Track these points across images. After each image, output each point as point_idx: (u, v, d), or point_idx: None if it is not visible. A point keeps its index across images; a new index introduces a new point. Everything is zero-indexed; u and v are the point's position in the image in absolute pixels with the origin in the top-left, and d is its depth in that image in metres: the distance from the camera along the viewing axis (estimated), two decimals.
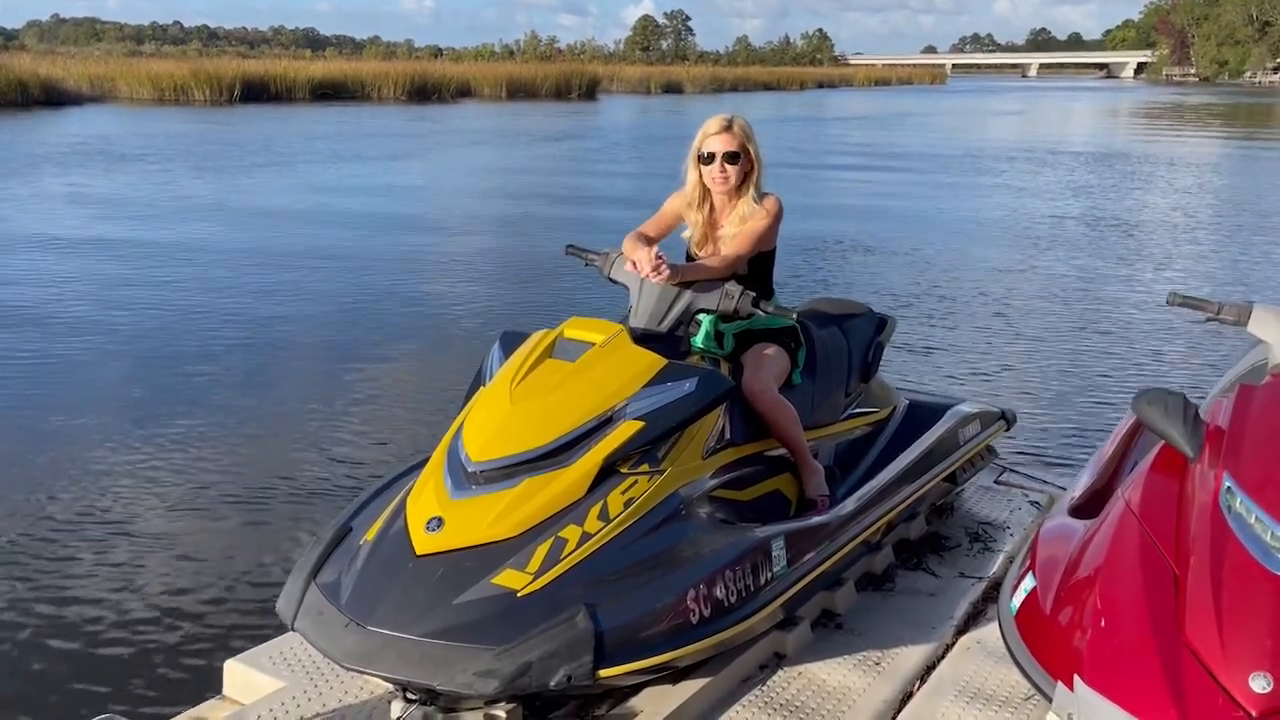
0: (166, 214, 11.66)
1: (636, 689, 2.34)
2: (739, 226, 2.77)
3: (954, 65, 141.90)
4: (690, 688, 2.36)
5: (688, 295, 2.63)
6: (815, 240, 10.42)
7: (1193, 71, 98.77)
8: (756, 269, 2.82)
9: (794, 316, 2.75)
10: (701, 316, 2.78)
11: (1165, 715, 1.81)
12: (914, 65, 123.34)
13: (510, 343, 2.55)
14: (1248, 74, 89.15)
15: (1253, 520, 1.99)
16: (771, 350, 2.76)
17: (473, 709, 2.14)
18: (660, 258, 2.59)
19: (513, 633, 1.98)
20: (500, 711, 2.14)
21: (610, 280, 2.78)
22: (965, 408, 3.49)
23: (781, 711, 2.37)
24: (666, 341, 2.58)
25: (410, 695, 2.11)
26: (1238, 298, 3.20)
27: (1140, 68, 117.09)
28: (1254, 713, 1.76)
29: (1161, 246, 10.87)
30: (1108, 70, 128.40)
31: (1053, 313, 7.85)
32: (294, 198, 13.24)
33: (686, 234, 2.86)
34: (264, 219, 11.51)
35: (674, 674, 2.34)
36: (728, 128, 2.74)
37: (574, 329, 2.50)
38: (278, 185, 14.39)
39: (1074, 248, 10.66)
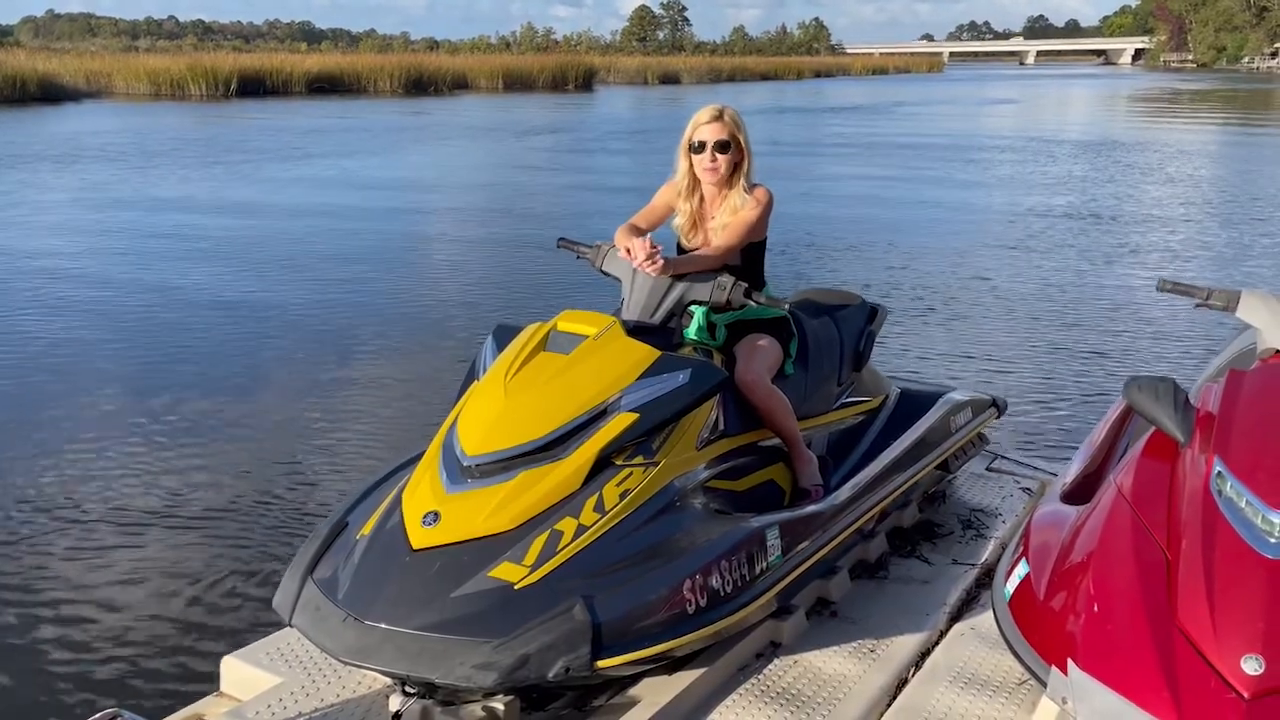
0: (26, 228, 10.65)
1: (634, 679, 2.35)
2: (730, 217, 2.78)
3: (951, 53, 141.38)
4: (687, 677, 2.38)
5: (680, 287, 2.64)
6: (805, 237, 10.25)
7: (1190, 57, 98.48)
8: (748, 260, 2.83)
9: (786, 307, 2.76)
10: (694, 308, 2.78)
11: (1159, 698, 1.83)
12: (911, 54, 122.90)
13: (503, 336, 2.55)
14: (1245, 60, 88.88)
15: (1243, 504, 2.01)
16: (764, 341, 2.77)
17: (471, 702, 2.15)
18: (654, 248, 2.60)
19: (510, 625, 1.99)
20: (498, 704, 2.16)
21: (602, 273, 2.78)
22: (956, 396, 3.50)
23: (778, 700, 2.38)
24: (659, 333, 2.59)
25: (408, 689, 2.12)
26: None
27: (1138, 54, 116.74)
28: (1246, 694, 1.78)
29: (1154, 237, 10.71)
30: (1105, 57, 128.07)
31: (1047, 302, 7.80)
32: (191, 216, 11.60)
33: (676, 223, 2.87)
34: (133, 241, 10.02)
35: (671, 664, 2.35)
36: (718, 117, 2.75)
37: (567, 322, 2.50)
38: (199, 194, 13.30)
39: (1065, 239, 10.51)
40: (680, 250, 2.86)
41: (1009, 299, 7.96)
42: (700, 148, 2.75)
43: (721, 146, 2.74)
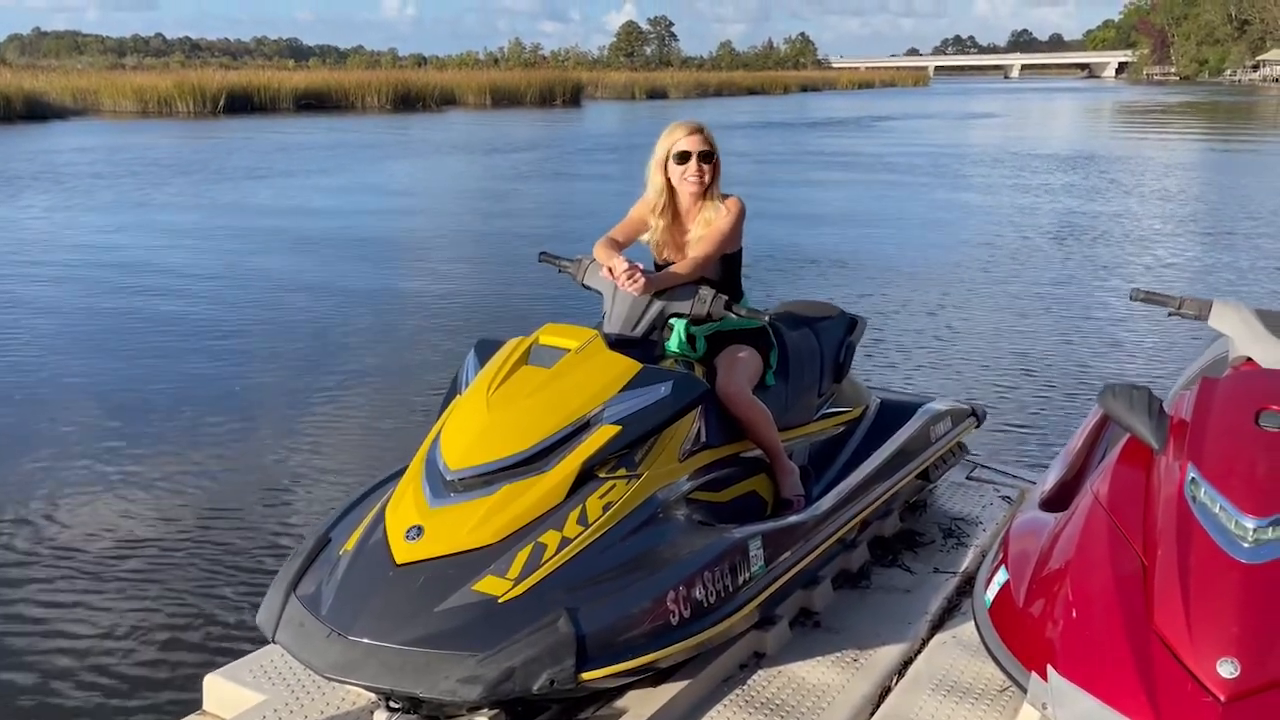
0: None
1: (619, 692, 2.36)
2: (705, 229, 2.81)
3: (937, 67, 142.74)
4: (672, 689, 2.39)
5: (661, 301, 2.67)
6: (771, 259, 9.78)
7: (1173, 71, 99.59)
8: (725, 271, 2.85)
9: (766, 318, 2.79)
10: (674, 320, 2.81)
11: (1137, 702, 1.85)
12: (897, 68, 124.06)
13: (485, 350, 2.57)
14: (1227, 72, 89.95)
15: (1217, 510, 2.04)
16: (745, 352, 2.79)
17: (456, 716, 2.16)
18: (634, 267, 2.63)
19: (495, 639, 2.00)
20: (483, 718, 2.16)
21: (584, 287, 2.81)
22: (936, 405, 3.52)
23: (762, 710, 2.39)
24: (640, 346, 2.61)
25: (393, 704, 2.13)
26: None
27: (1121, 67, 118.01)
28: (1222, 697, 1.80)
29: (1136, 258, 10.34)
30: (1089, 70, 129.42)
31: (1031, 335, 7.49)
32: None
33: (650, 238, 2.89)
34: None
35: (655, 675, 2.36)
36: (699, 130, 2.80)
37: (549, 335, 2.52)
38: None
39: (1047, 253, 10.35)
40: (656, 265, 2.88)
41: (984, 323, 7.63)
42: (684, 158, 2.79)
43: (706, 157, 2.79)
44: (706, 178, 2.79)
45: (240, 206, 14.05)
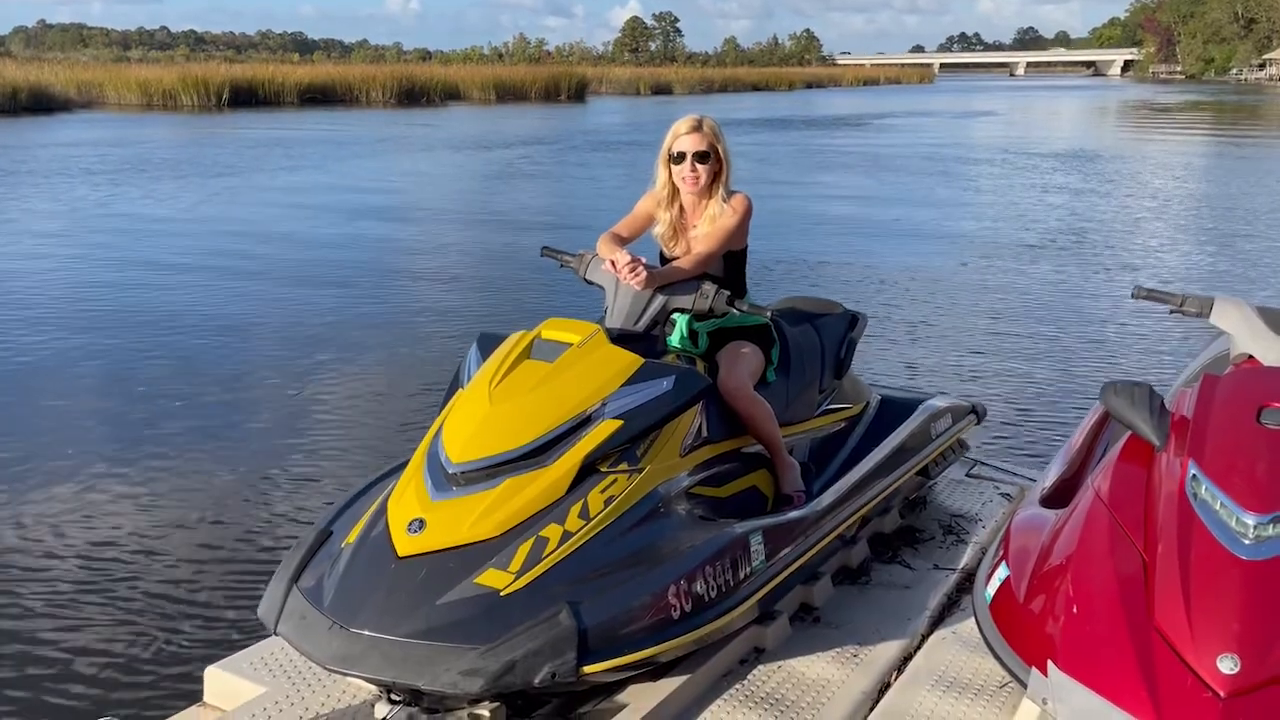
0: None
1: (619, 685, 2.37)
2: (710, 225, 2.81)
3: (942, 65, 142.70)
4: (672, 683, 2.39)
5: (663, 296, 2.67)
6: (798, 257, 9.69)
7: (1179, 69, 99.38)
8: (730, 268, 2.86)
9: (768, 315, 2.79)
10: (676, 316, 2.81)
11: (1137, 698, 1.85)
12: (902, 65, 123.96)
13: (487, 344, 2.58)
14: (1234, 71, 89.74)
15: (1218, 506, 2.04)
16: (746, 348, 2.79)
17: (457, 709, 2.17)
18: (636, 261, 2.63)
19: (496, 631, 2.00)
20: (484, 711, 2.17)
21: (586, 281, 2.81)
22: (936, 402, 3.53)
23: (762, 705, 2.40)
24: (643, 341, 2.62)
25: (394, 697, 2.14)
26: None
27: (1127, 65, 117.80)
28: (1222, 693, 1.81)
29: (1137, 252, 10.29)
30: (1095, 68, 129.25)
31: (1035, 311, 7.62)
32: None
33: (657, 231, 2.90)
34: None
35: (655, 670, 2.36)
36: (697, 128, 2.79)
37: (551, 330, 2.53)
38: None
39: (1058, 260, 10.16)
40: (662, 258, 2.89)
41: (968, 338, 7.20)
42: (680, 158, 2.78)
43: (701, 157, 2.78)
44: (702, 179, 2.78)
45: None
